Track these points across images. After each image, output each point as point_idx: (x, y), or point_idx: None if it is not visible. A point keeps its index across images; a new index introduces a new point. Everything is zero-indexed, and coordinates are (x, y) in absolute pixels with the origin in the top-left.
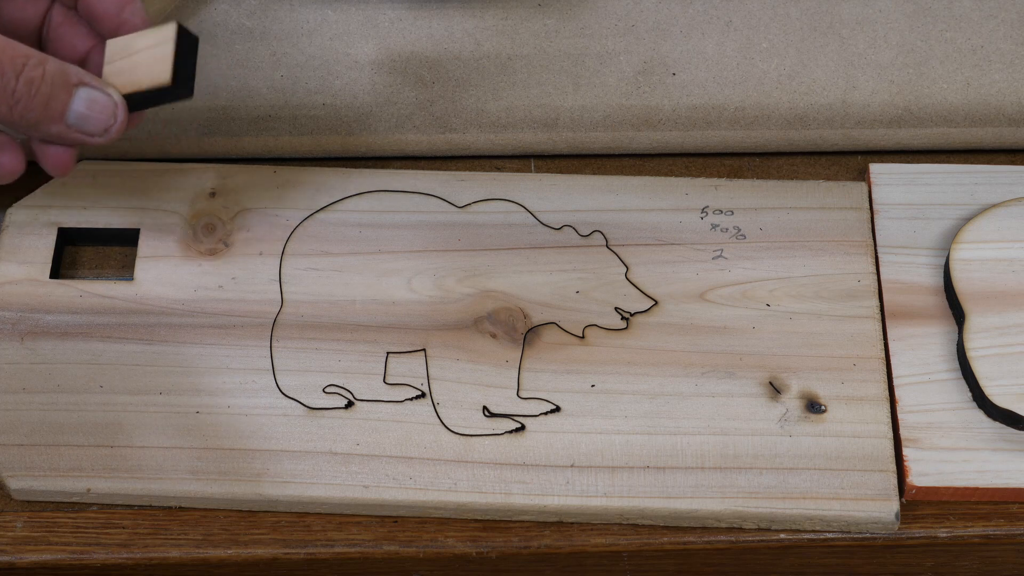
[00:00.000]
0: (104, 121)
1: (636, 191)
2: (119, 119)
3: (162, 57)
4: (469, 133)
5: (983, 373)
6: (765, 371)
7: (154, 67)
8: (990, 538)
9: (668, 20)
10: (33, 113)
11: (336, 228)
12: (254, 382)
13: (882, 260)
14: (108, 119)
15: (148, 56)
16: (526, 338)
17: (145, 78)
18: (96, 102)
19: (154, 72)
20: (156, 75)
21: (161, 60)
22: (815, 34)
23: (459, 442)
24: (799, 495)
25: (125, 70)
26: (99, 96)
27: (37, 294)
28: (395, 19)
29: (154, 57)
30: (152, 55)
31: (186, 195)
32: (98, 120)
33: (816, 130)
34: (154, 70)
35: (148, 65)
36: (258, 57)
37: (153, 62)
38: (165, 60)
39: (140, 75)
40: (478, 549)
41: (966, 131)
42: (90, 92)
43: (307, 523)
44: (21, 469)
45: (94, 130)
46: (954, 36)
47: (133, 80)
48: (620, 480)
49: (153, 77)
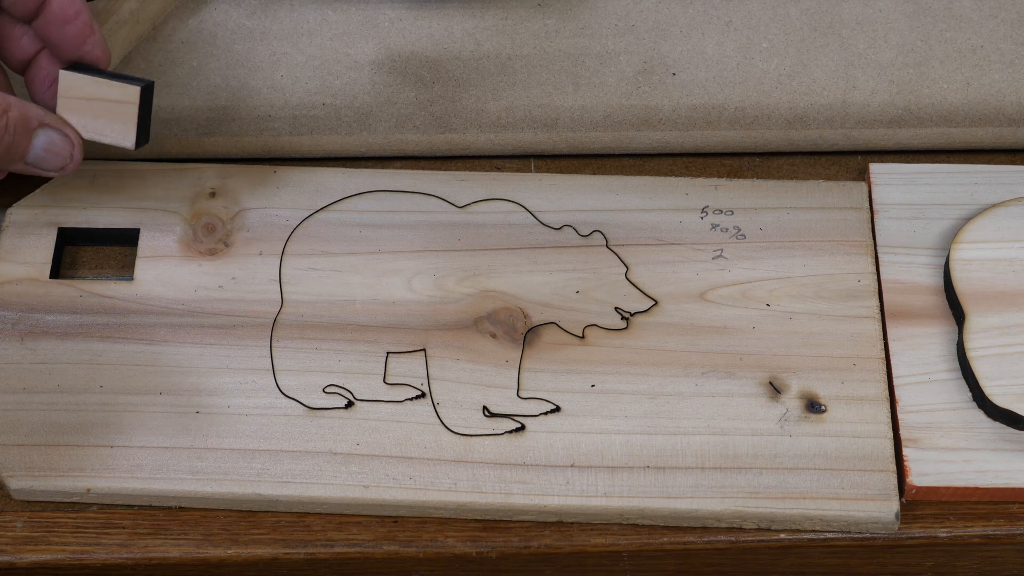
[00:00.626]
0: (61, 161)
1: (636, 191)
2: (75, 159)
3: (127, 117)
4: (469, 133)
5: (983, 373)
6: (765, 371)
7: (117, 127)
8: (990, 538)
9: (668, 20)
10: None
11: (336, 228)
12: (254, 382)
13: (882, 260)
14: (64, 159)
15: (111, 110)
16: (526, 338)
17: (108, 134)
18: (54, 144)
19: (117, 131)
20: (119, 136)
21: (125, 120)
22: (815, 34)
23: (459, 442)
24: (799, 495)
25: (85, 112)
26: (57, 138)
27: (37, 294)
28: (395, 19)
29: (117, 114)
30: (115, 111)
31: (186, 195)
32: (55, 160)
33: (816, 130)
34: (117, 130)
35: (111, 120)
36: (258, 57)
37: (116, 120)
38: (129, 122)
39: (102, 128)
40: (478, 549)
41: (966, 131)
42: (49, 134)
43: (307, 523)
44: (21, 469)
45: (50, 167)
46: (954, 36)
47: (95, 130)
48: (620, 480)
49: (116, 137)
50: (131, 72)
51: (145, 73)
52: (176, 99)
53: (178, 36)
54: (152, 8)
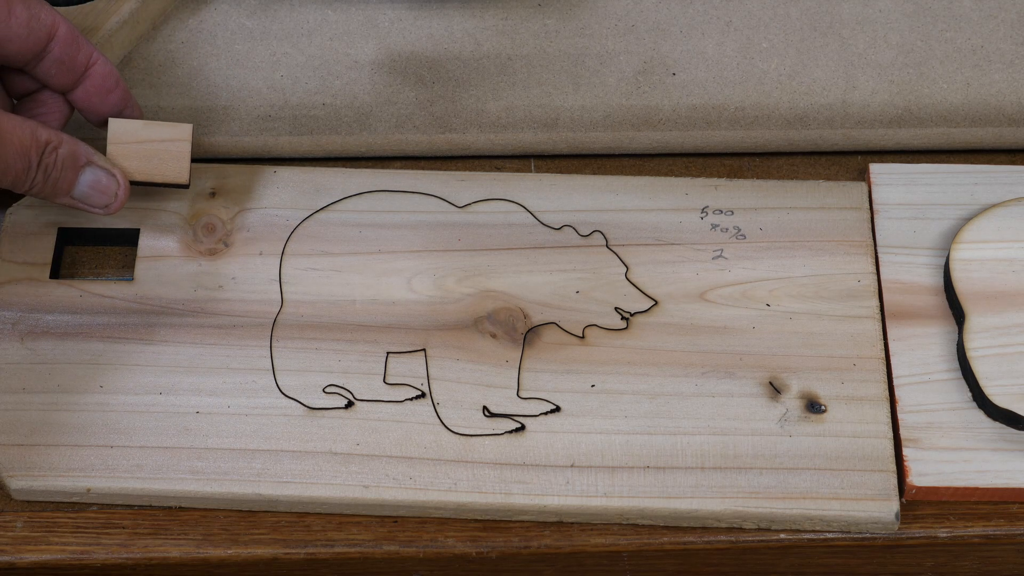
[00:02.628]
0: (106, 199)
1: (636, 191)
2: (119, 199)
3: (180, 156)
4: (469, 133)
5: (983, 373)
6: (765, 371)
7: (171, 164)
8: (990, 538)
9: (668, 20)
10: (45, 191)
11: (336, 228)
12: (254, 382)
13: (882, 260)
14: (109, 198)
15: (164, 150)
16: (526, 338)
17: (162, 172)
18: (99, 182)
19: (171, 170)
20: (173, 174)
21: (179, 159)
22: (815, 34)
23: (459, 442)
24: (799, 495)
25: (135, 156)
26: (103, 176)
27: (37, 294)
28: (395, 19)
29: (171, 153)
30: (168, 150)
31: (186, 195)
32: (100, 198)
33: (816, 130)
34: (171, 167)
35: (164, 160)
36: (258, 57)
37: (170, 159)
38: (182, 159)
39: (156, 167)
40: (478, 549)
41: (966, 131)
42: (96, 172)
43: (307, 523)
44: (21, 469)
45: (95, 204)
46: (954, 36)
47: (148, 170)
48: (620, 480)
49: (171, 175)
50: (131, 73)
51: (145, 73)
52: (176, 99)
53: (178, 36)
54: (152, 8)
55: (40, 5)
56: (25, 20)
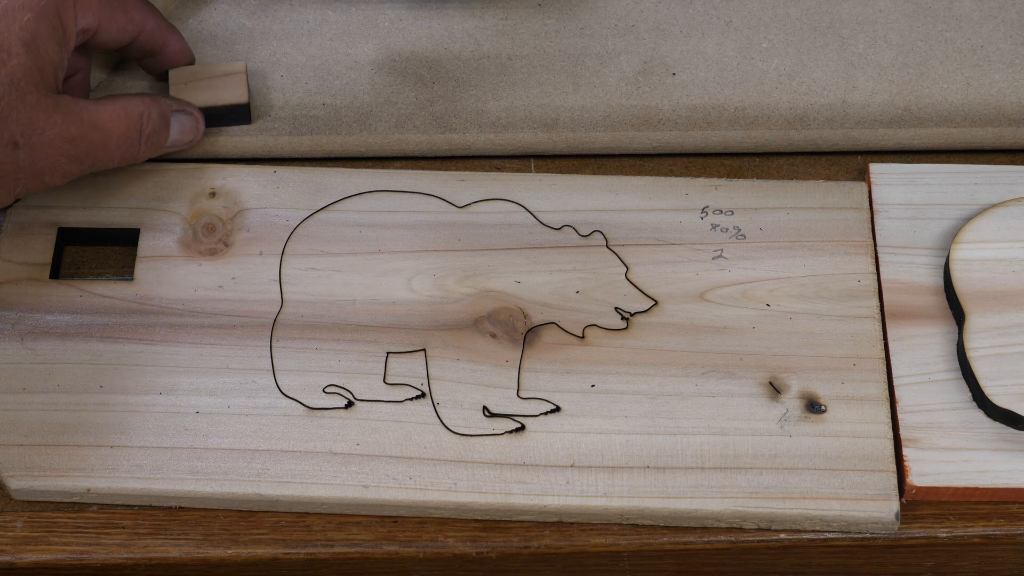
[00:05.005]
0: (191, 135)
1: (636, 191)
2: (199, 130)
3: (238, 82)
4: (469, 133)
5: (983, 373)
6: (765, 371)
7: (231, 89)
8: (990, 538)
9: (668, 20)
10: (149, 155)
11: (336, 228)
12: (254, 382)
13: (882, 260)
14: (193, 133)
15: (222, 81)
16: (526, 338)
17: (225, 96)
18: (185, 124)
19: (231, 93)
20: (235, 95)
21: (237, 84)
22: (815, 34)
23: (459, 442)
24: (799, 495)
25: (199, 90)
26: (186, 119)
27: (37, 294)
28: (395, 19)
29: (229, 82)
30: (226, 81)
31: (186, 195)
32: (187, 136)
33: (816, 130)
34: (231, 92)
35: (224, 88)
36: (258, 57)
37: (229, 86)
38: (240, 85)
39: (218, 94)
40: (478, 549)
41: (966, 131)
42: (179, 118)
43: (307, 523)
44: (21, 469)
45: (184, 143)
46: (954, 36)
47: (212, 97)
48: (620, 480)
49: (231, 96)
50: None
51: (146, 72)
52: None
53: None
54: None
55: (136, 6)
56: (123, 24)
